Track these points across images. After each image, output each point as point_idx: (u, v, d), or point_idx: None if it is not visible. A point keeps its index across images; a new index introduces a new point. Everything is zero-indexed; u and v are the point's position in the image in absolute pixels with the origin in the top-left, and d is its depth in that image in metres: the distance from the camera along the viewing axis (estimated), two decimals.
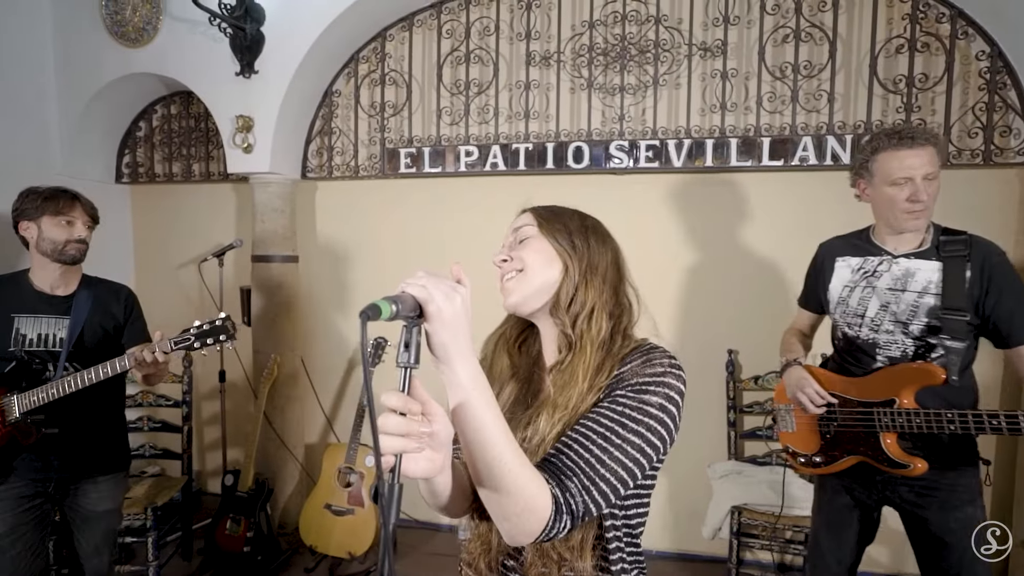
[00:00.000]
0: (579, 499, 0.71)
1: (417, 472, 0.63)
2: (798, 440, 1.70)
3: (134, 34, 2.81)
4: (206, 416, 3.28)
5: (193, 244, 3.23)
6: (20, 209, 1.73)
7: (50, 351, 1.73)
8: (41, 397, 1.64)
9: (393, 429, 0.58)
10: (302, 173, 3.01)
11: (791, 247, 2.53)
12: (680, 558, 2.74)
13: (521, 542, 0.74)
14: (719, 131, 2.54)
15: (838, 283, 1.60)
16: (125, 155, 3.29)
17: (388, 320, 0.59)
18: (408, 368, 0.61)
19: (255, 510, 2.57)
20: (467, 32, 2.79)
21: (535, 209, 0.93)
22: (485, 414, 0.65)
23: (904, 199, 1.42)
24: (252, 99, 2.71)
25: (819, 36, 2.45)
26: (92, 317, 1.79)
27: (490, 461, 0.66)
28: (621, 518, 0.83)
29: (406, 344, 0.61)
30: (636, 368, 0.81)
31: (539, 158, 2.71)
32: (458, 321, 0.64)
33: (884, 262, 1.52)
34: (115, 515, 1.90)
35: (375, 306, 0.57)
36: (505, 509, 0.68)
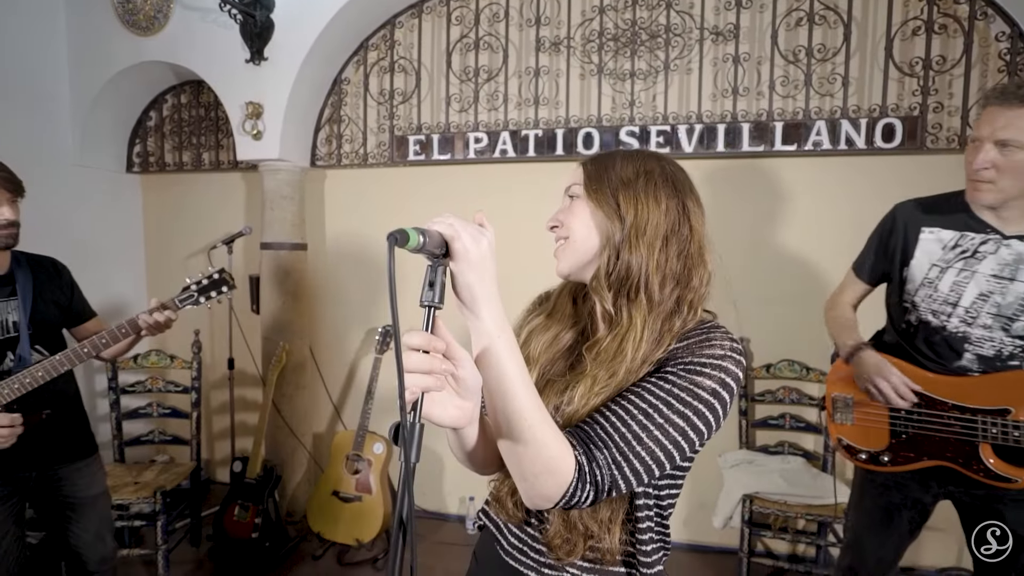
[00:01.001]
0: (606, 472, 0.67)
1: (446, 419, 0.61)
2: (856, 434, 1.50)
3: (145, 22, 2.82)
4: (215, 405, 3.29)
5: (203, 232, 3.24)
6: None
7: (8, 338, 1.57)
8: (21, 385, 1.50)
9: (415, 366, 0.57)
10: (311, 161, 3.01)
11: (804, 233, 2.50)
12: (692, 549, 2.71)
13: (539, 505, 0.70)
14: (731, 116, 2.51)
15: (924, 259, 1.35)
16: (136, 144, 3.31)
17: (413, 250, 0.57)
18: (432, 307, 0.60)
19: (263, 497, 2.57)
20: (476, 18, 2.77)
21: (585, 163, 0.85)
22: (508, 363, 0.63)
23: (968, 165, 1.22)
24: (262, 86, 2.71)
25: (833, 19, 2.42)
26: (40, 294, 1.66)
27: (511, 414, 0.63)
28: (654, 498, 0.80)
29: (430, 283, 0.60)
30: (693, 346, 0.74)
31: (549, 144, 2.69)
32: (484, 263, 0.62)
33: (990, 242, 1.28)
34: (106, 498, 1.86)
35: (403, 232, 0.55)
36: (524, 467, 0.66)
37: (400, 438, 0.56)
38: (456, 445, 0.73)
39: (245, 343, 3.03)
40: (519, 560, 0.84)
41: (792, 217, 2.51)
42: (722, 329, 0.78)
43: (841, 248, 2.31)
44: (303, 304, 2.98)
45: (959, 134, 2.31)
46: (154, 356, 2.77)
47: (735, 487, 2.38)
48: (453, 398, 0.62)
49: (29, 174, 2.30)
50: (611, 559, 0.79)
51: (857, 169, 2.43)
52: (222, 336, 2.99)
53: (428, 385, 0.57)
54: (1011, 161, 1.16)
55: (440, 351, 0.59)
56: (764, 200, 2.54)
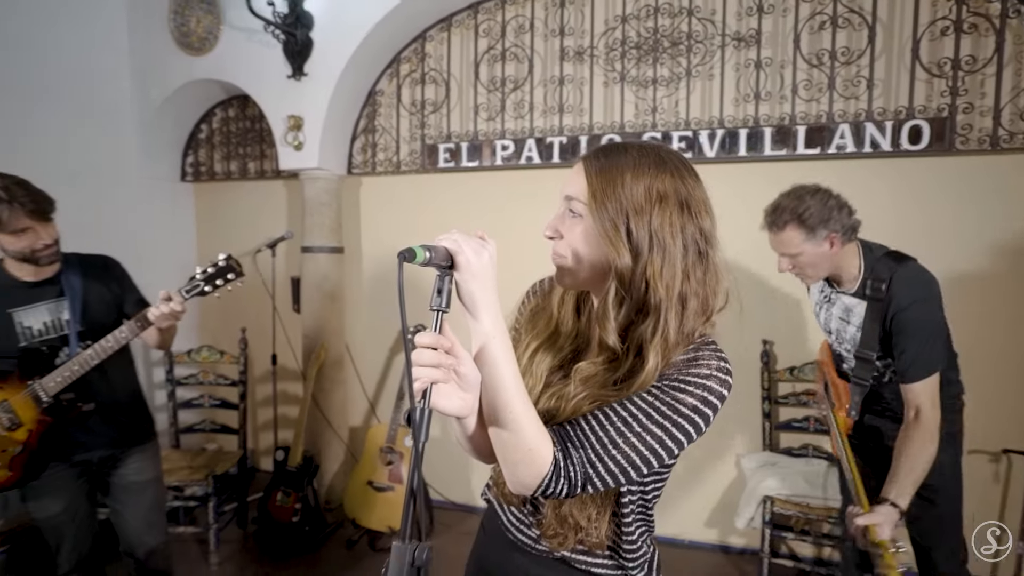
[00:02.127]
0: (579, 470, 0.73)
1: (451, 408, 0.70)
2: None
3: (197, 43, 3.04)
4: (259, 398, 3.51)
5: (248, 236, 3.45)
6: None
7: (61, 336, 1.71)
8: (66, 376, 1.63)
9: (425, 361, 0.65)
10: (348, 169, 3.18)
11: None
12: (716, 550, 2.74)
13: (520, 491, 0.76)
14: (753, 120, 2.53)
15: (813, 297, 1.83)
16: (189, 155, 3.56)
17: (421, 264, 0.67)
18: (439, 311, 0.68)
19: (303, 484, 2.75)
20: (503, 30, 2.88)
21: (589, 173, 0.79)
22: (502, 361, 0.71)
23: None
24: (302, 100, 2.90)
25: (858, 22, 2.42)
26: (89, 292, 1.75)
27: (500, 405, 0.71)
28: (639, 493, 0.86)
29: (438, 291, 0.69)
30: (681, 363, 0.77)
31: (573, 151, 2.77)
32: (485, 273, 0.70)
33: (834, 294, 1.71)
34: (158, 485, 1.94)
35: (411, 250, 0.65)
36: (507, 454, 0.74)
37: (411, 422, 0.67)
38: (460, 434, 0.81)
39: (287, 340, 3.23)
40: (517, 535, 0.93)
41: None
42: (712, 346, 0.79)
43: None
44: (340, 304, 3.15)
45: (991, 135, 2.28)
46: (205, 351, 2.99)
47: (757, 488, 2.41)
48: (457, 390, 0.70)
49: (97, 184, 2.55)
50: (599, 545, 0.86)
51: (882, 171, 2.42)
52: (266, 334, 3.19)
53: (436, 377, 0.67)
54: (801, 262, 1.60)
55: (446, 349, 0.68)
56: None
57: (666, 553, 2.68)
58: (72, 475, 1.77)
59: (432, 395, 0.67)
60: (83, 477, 1.80)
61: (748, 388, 2.64)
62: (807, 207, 1.53)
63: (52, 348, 1.70)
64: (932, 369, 1.50)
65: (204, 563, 2.60)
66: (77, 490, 1.78)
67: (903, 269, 1.55)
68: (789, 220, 1.54)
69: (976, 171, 2.32)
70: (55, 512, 1.74)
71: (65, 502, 1.75)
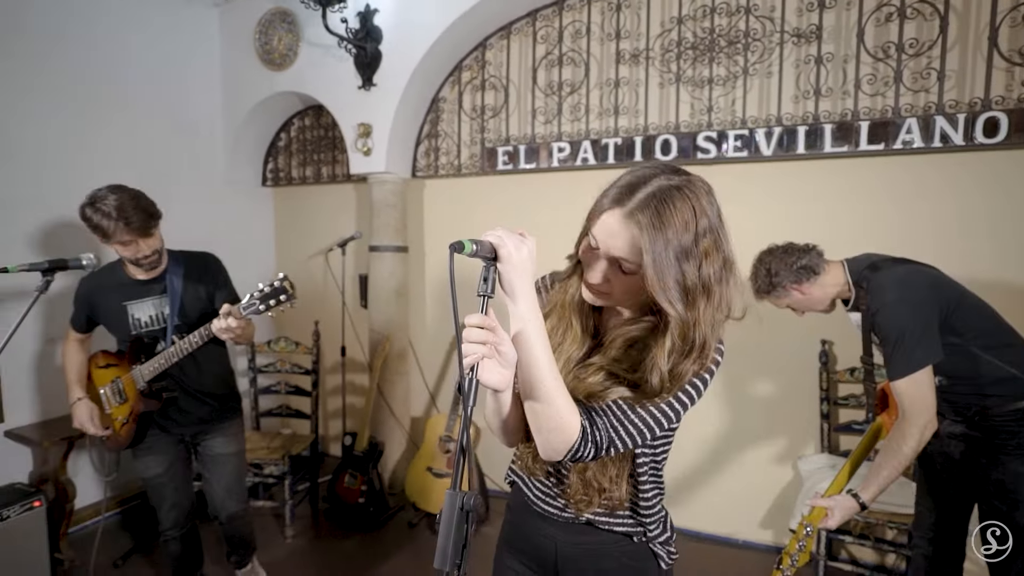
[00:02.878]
0: (603, 434, 0.85)
1: (491, 381, 0.80)
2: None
3: (279, 59, 3.32)
4: (329, 388, 3.76)
5: (321, 236, 3.72)
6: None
7: (163, 328, 1.94)
8: (156, 367, 1.85)
9: (474, 338, 0.76)
10: (412, 172, 3.37)
11: (890, 233, 2.43)
12: (769, 551, 2.71)
13: (551, 457, 0.86)
14: (812, 117, 2.49)
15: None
16: (269, 162, 3.87)
17: (469, 255, 0.77)
18: (485, 296, 0.79)
19: (368, 468, 2.94)
20: (560, 36, 2.97)
21: (633, 222, 0.80)
22: (536, 341, 0.81)
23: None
24: (371, 108, 3.10)
25: (929, 12, 2.33)
26: (187, 291, 1.95)
27: (534, 380, 0.81)
28: (651, 455, 0.98)
29: (484, 279, 0.79)
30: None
31: (628, 152, 2.82)
32: (524, 265, 0.80)
33: (847, 312, 1.81)
34: (240, 458, 2.15)
35: (461, 243, 0.76)
36: (540, 422, 0.84)
37: (461, 390, 0.78)
38: (494, 411, 0.91)
39: (355, 334, 3.45)
40: (543, 507, 1.03)
41: (878, 217, 2.44)
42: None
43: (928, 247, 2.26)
44: (404, 300, 3.34)
45: None
46: (283, 342, 3.26)
47: (813, 490, 2.37)
48: (497, 367, 0.80)
49: (190, 191, 2.85)
50: (620, 506, 0.97)
51: (953, 167, 2.33)
52: (337, 327, 3.43)
53: (483, 353, 0.77)
54: (797, 309, 1.80)
55: (491, 328, 0.78)
56: (849, 201, 2.49)
57: (719, 552, 2.70)
58: (171, 442, 2.03)
59: (478, 370, 0.77)
60: (180, 445, 2.07)
61: (806, 389, 2.60)
62: (756, 285, 1.78)
63: (153, 338, 1.94)
64: (912, 367, 1.51)
65: (280, 535, 2.84)
66: (176, 456, 2.04)
67: (879, 276, 1.62)
68: (754, 290, 1.79)
69: None
70: (157, 473, 2.01)
71: (165, 465, 2.02)
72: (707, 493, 2.85)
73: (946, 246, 2.31)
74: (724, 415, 2.79)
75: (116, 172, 2.28)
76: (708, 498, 2.85)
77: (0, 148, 2.56)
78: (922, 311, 1.55)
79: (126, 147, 3.00)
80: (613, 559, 1.00)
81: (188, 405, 2.00)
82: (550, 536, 1.04)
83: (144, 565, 2.59)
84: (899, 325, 1.54)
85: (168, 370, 1.88)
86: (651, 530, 0.99)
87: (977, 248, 2.29)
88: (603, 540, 1.00)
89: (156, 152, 3.15)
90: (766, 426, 2.73)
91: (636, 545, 1.00)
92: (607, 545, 1.00)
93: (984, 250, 2.28)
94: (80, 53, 2.80)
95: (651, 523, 0.99)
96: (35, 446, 2.53)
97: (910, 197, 2.39)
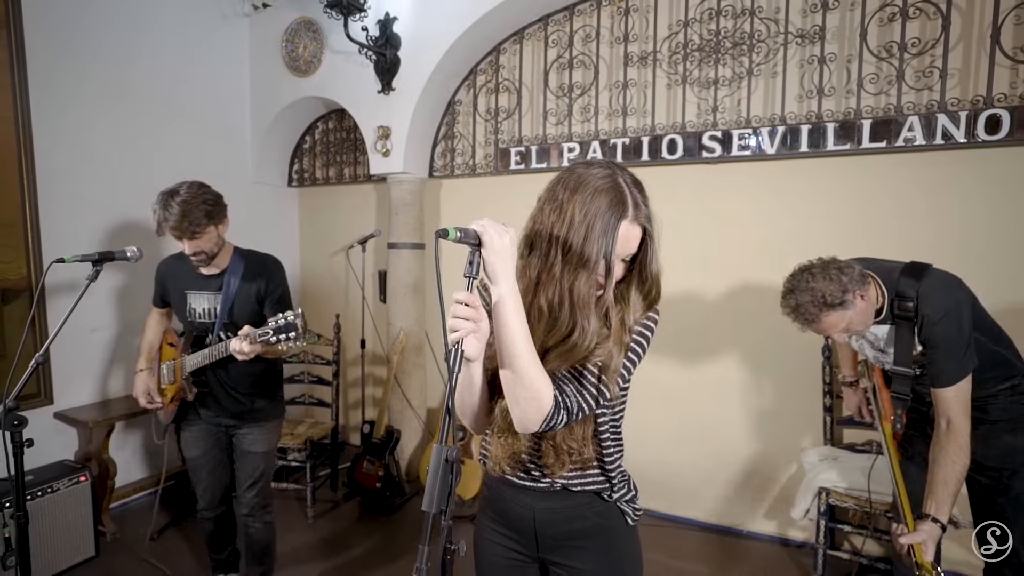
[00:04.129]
0: (573, 399, 0.98)
1: (469, 352, 0.92)
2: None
3: (304, 66, 3.50)
4: (349, 380, 3.93)
5: (343, 234, 3.89)
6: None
7: (213, 322, 2.01)
8: (198, 360, 1.96)
9: (460, 314, 0.89)
10: (429, 172, 3.51)
11: (889, 229, 2.47)
12: (773, 541, 2.77)
13: (527, 428, 0.97)
14: (815, 116, 2.55)
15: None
16: (294, 163, 4.06)
17: (453, 241, 0.90)
18: (470, 277, 0.91)
19: (385, 454, 3.09)
20: (571, 40, 3.07)
21: (640, 222, 1.01)
22: (514, 319, 0.92)
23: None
24: (390, 112, 3.25)
25: (932, 11, 2.36)
26: (240, 291, 2.00)
27: (514, 353, 0.92)
28: (609, 416, 1.09)
29: (469, 263, 0.92)
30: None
31: (635, 151, 2.91)
32: (505, 251, 0.91)
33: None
34: (265, 458, 2.15)
35: (445, 229, 0.88)
36: (517, 393, 0.94)
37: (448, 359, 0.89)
38: (466, 385, 1.01)
39: (375, 327, 3.61)
40: (519, 481, 1.12)
41: (878, 213, 2.48)
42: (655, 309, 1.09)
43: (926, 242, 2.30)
44: (421, 295, 3.48)
45: None
46: (306, 334, 3.42)
47: (814, 481, 2.43)
48: (475, 340, 0.92)
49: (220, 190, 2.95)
50: (589, 463, 1.08)
51: (954, 164, 2.36)
52: (357, 320, 3.58)
53: (469, 328, 0.89)
54: (851, 328, 1.66)
55: (475, 306, 0.90)
56: (849, 198, 2.53)
57: (721, 542, 2.77)
58: (209, 430, 2.14)
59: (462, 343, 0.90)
60: (219, 432, 2.16)
61: (810, 382, 2.65)
62: (821, 291, 1.58)
63: (204, 331, 2.05)
64: (963, 374, 1.54)
65: (303, 516, 3.00)
66: (213, 442, 2.15)
67: (926, 284, 1.59)
68: (818, 311, 1.60)
69: None
70: (196, 455, 2.15)
71: (203, 448, 2.14)
72: (711, 485, 2.92)
73: (944, 242, 2.35)
74: (728, 409, 2.85)
75: (160, 176, 2.47)
76: (712, 490, 2.91)
77: (79, 154, 2.84)
78: (968, 317, 1.58)
79: (170, 152, 3.23)
80: (586, 519, 1.11)
81: (223, 398, 2.09)
82: (527, 506, 1.13)
83: (177, 539, 2.78)
84: (958, 333, 1.55)
85: (207, 364, 1.99)
86: (617, 487, 1.11)
87: (977, 244, 2.32)
88: (577, 502, 1.11)
89: (194, 156, 3.36)
90: (769, 419, 2.78)
91: (606, 503, 1.11)
92: (581, 507, 1.11)
93: (984, 246, 2.31)
94: (134, 70, 3.03)
95: (616, 480, 1.11)
96: (81, 427, 2.74)
97: (911, 194, 2.43)
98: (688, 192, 2.84)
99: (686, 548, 2.73)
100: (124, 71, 3.01)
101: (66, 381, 2.82)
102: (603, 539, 1.12)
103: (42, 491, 2.36)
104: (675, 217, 2.89)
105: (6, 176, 2.59)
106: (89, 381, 2.94)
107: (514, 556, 1.18)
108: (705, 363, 2.91)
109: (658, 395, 2.96)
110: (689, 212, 2.84)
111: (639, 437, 2.73)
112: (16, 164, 2.61)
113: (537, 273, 1.03)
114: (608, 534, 1.12)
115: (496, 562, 1.20)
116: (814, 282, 1.60)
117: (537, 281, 1.03)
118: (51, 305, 2.73)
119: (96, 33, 2.89)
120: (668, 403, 2.97)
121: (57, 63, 2.74)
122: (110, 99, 2.96)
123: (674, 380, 2.96)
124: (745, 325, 2.79)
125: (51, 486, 2.39)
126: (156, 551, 2.65)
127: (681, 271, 2.87)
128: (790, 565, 2.59)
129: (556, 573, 1.15)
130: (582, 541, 1.11)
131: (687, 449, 2.95)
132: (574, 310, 0.99)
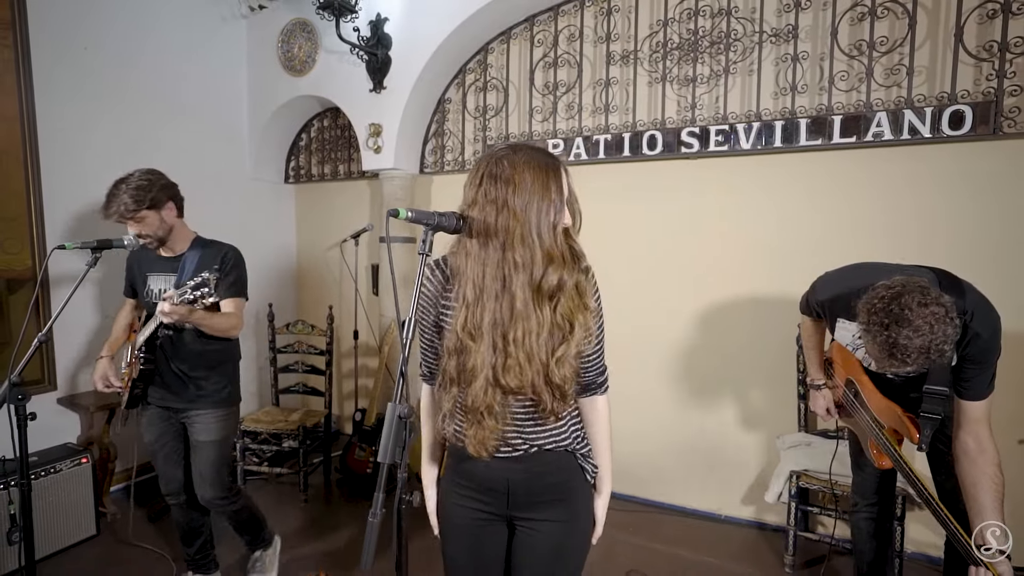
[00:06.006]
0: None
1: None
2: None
3: (299, 66, 3.61)
4: (343, 371, 4.03)
5: (337, 229, 4.00)
6: None
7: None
8: (144, 337, 1.98)
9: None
10: (420, 168, 3.61)
11: (862, 221, 2.56)
12: (750, 525, 2.85)
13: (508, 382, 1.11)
14: (789, 112, 2.63)
15: (843, 337, 1.76)
16: (291, 161, 4.17)
17: (405, 220, 1.00)
18: (424, 255, 1.03)
19: (376, 441, 3.19)
20: (555, 39, 3.17)
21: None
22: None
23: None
24: (382, 110, 3.35)
25: (900, 11, 2.45)
26: (193, 274, 1.97)
27: None
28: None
29: (423, 240, 1.04)
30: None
31: (617, 147, 3.00)
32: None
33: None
34: (215, 447, 2.09)
35: (396, 210, 0.99)
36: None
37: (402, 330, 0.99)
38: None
39: (367, 319, 3.71)
40: (497, 453, 1.18)
41: (851, 206, 2.57)
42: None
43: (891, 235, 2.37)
44: (412, 288, 3.57)
45: None
46: (300, 325, 3.53)
47: (787, 465, 2.52)
48: None
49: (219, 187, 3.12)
50: (559, 414, 1.18)
51: (923, 159, 2.44)
52: (350, 312, 3.69)
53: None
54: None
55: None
56: (824, 192, 2.62)
57: (700, 526, 2.86)
58: (161, 414, 2.12)
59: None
60: (172, 419, 2.14)
61: (785, 371, 2.73)
62: (944, 338, 1.31)
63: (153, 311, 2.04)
64: (992, 388, 1.53)
65: (296, 500, 3.11)
66: (166, 428, 2.13)
67: (971, 299, 1.49)
68: (938, 357, 1.34)
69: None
70: (150, 440, 2.14)
71: (155, 434, 2.13)
72: (692, 471, 3.01)
73: (904, 233, 2.44)
74: (708, 398, 2.94)
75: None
76: (693, 476, 3.00)
77: (82, 151, 2.94)
78: None
79: (170, 150, 3.32)
80: (553, 475, 1.21)
81: (167, 375, 2.07)
82: (502, 470, 1.20)
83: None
84: (999, 349, 1.52)
85: (155, 343, 2.02)
86: (578, 441, 1.23)
87: (935, 235, 2.40)
88: (547, 460, 1.20)
89: (193, 154, 3.47)
90: (747, 408, 2.87)
91: (568, 456, 1.22)
92: (550, 464, 1.21)
93: (944, 237, 2.39)
94: (136, 70, 3.13)
95: (575, 429, 1.23)
96: (82, 412, 2.86)
97: (880, 186, 2.51)
98: (668, 186, 2.93)
99: (667, 533, 2.82)
100: (126, 71, 3.12)
101: (69, 368, 2.94)
102: (567, 494, 1.23)
103: (45, 471, 2.47)
104: (656, 209, 2.99)
105: (12, 172, 2.71)
106: (91, 368, 3.06)
107: (481, 516, 1.25)
108: (684, 353, 3.00)
109: (639, 385, 3.05)
110: (670, 205, 2.93)
111: (621, 426, 2.81)
112: (21, 160, 2.73)
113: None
114: (571, 491, 1.23)
115: (462, 524, 1.27)
116: (941, 327, 1.30)
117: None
118: (55, 294, 2.84)
119: (99, 34, 3.00)
120: (649, 393, 3.06)
121: (60, 63, 2.86)
122: (112, 98, 3.07)
123: (655, 370, 3.05)
124: (722, 315, 2.88)
125: (54, 466, 2.50)
126: (152, 533, 2.76)
127: (659, 262, 2.96)
128: (766, 548, 2.67)
129: (522, 528, 1.24)
130: (549, 495, 1.21)
131: (668, 439, 3.04)
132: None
